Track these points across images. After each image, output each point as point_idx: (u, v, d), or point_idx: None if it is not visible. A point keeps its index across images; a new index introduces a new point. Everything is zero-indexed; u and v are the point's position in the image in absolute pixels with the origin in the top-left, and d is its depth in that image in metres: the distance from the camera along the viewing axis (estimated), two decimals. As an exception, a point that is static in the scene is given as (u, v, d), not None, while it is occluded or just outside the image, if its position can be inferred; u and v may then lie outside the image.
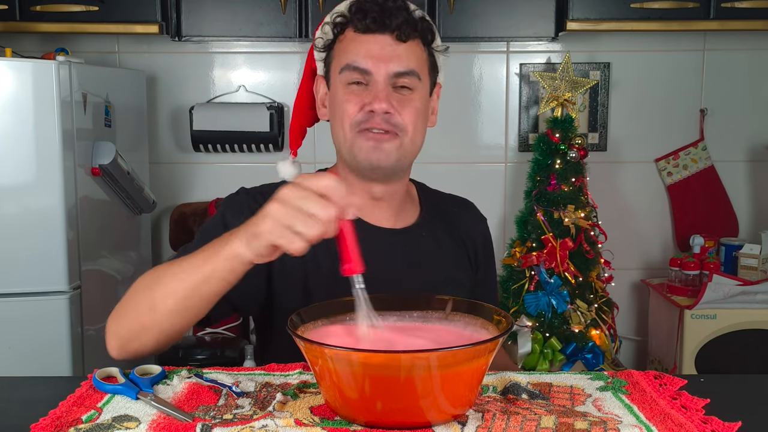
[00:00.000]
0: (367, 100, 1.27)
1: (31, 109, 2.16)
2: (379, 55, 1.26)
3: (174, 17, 2.68)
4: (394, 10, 1.27)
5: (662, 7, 2.66)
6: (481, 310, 1.07)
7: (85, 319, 2.31)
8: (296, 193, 0.97)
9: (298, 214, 0.96)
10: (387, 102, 1.26)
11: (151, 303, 1.13)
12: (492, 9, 2.70)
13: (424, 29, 1.30)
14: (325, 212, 0.96)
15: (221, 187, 3.01)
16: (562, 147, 2.76)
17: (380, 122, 1.27)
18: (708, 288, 2.68)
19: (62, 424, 0.95)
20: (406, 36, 1.27)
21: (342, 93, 1.29)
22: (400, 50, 1.27)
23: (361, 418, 0.94)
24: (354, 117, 1.28)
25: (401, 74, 1.27)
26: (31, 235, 2.19)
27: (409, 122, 1.28)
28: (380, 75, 1.26)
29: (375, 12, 1.26)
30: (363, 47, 1.27)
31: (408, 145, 1.30)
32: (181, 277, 1.10)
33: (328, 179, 0.97)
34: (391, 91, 1.27)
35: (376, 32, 1.27)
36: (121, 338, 1.17)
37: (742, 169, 3.11)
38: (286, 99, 3.01)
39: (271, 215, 0.98)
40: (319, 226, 0.96)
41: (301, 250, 0.98)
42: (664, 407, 1.01)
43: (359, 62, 1.27)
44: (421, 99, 1.31)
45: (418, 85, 1.29)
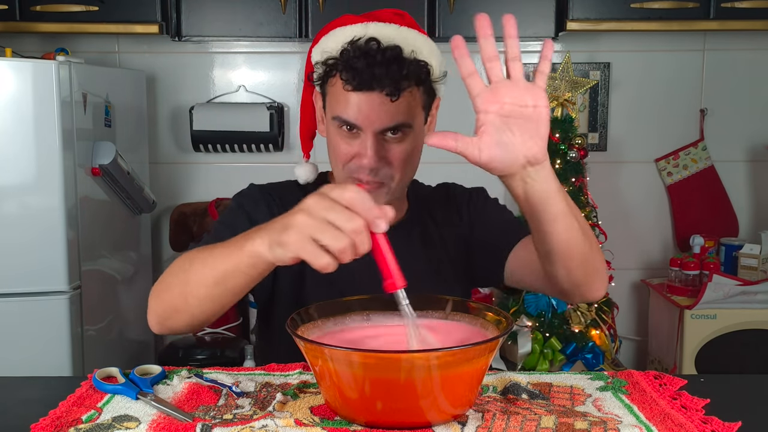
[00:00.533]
0: (357, 150, 1.27)
1: (31, 109, 2.16)
2: (368, 113, 1.24)
3: (174, 17, 2.68)
4: (383, 67, 1.21)
5: (662, 7, 2.66)
6: (481, 310, 1.07)
7: (85, 319, 2.31)
8: (322, 204, 0.93)
9: (323, 225, 0.92)
10: (375, 159, 1.26)
11: (183, 287, 1.13)
12: (492, 9, 2.69)
13: (418, 73, 1.26)
14: (352, 224, 0.92)
15: (221, 187, 3.01)
16: (562, 147, 2.76)
17: (368, 176, 1.28)
18: (708, 288, 2.68)
19: (62, 424, 0.95)
20: (396, 93, 1.23)
21: (335, 134, 1.30)
22: (390, 107, 1.24)
23: (361, 418, 0.94)
24: (345, 163, 1.29)
25: (391, 128, 1.26)
26: (31, 235, 2.19)
27: (398, 169, 1.29)
28: (369, 131, 1.26)
29: (363, 70, 1.22)
30: (352, 102, 1.25)
31: (396, 187, 1.31)
32: (210, 267, 1.09)
33: (353, 190, 0.94)
34: (381, 141, 1.27)
35: (365, 90, 1.23)
36: (159, 316, 1.18)
37: (742, 169, 3.11)
38: (286, 99, 3.01)
39: (296, 226, 0.94)
40: (345, 238, 0.92)
41: (329, 266, 0.93)
42: (664, 407, 1.01)
43: (349, 117, 1.25)
44: (413, 140, 1.30)
45: (410, 132, 1.29)
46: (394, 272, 0.96)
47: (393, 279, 0.96)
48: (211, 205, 2.91)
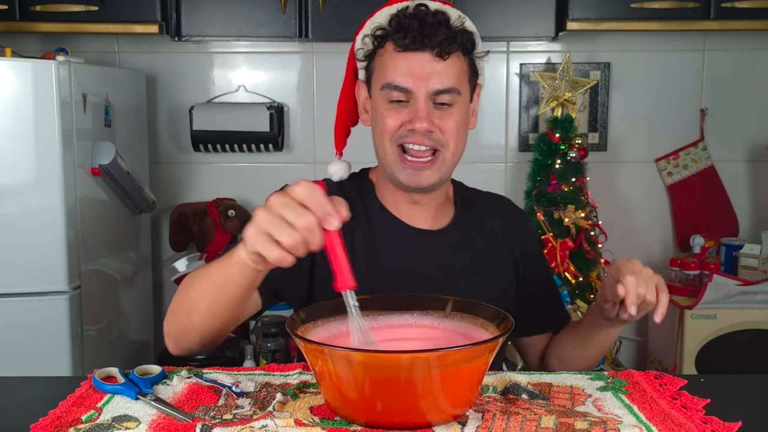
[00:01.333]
0: (407, 117, 1.27)
1: (31, 109, 2.16)
2: (420, 73, 1.26)
3: (174, 17, 2.68)
4: (434, 27, 1.25)
5: (662, 7, 2.66)
6: (481, 310, 1.07)
7: (85, 319, 2.31)
8: (280, 200, 0.95)
9: (277, 221, 0.94)
10: (428, 121, 1.27)
11: (187, 306, 1.16)
12: (492, 9, 2.70)
13: (464, 41, 1.29)
14: (302, 220, 0.93)
15: (221, 187, 3.01)
16: (562, 147, 2.76)
17: (421, 139, 1.28)
18: (708, 288, 2.68)
19: (62, 424, 0.94)
20: (446, 53, 1.26)
21: (383, 108, 1.30)
22: (440, 67, 1.26)
23: (361, 418, 0.94)
24: (394, 132, 1.29)
25: (441, 92, 1.27)
26: (31, 235, 2.19)
27: (450, 138, 1.30)
28: (420, 93, 1.26)
29: (415, 30, 1.25)
30: (402, 65, 1.26)
31: (449, 159, 1.32)
32: (206, 281, 1.13)
33: (304, 185, 0.95)
34: (432, 107, 1.28)
35: (416, 50, 1.26)
36: (173, 338, 1.22)
37: (742, 169, 3.11)
38: (286, 99, 3.01)
39: (254, 222, 0.97)
40: (295, 234, 0.93)
41: (283, 261, 0.95)
42: (664, 407, 1.01)
43: (399, 81, 1.27)
44: (461, 111, 1.31)
45: (459, 98, 1.29)
46: (344, 272, 0.96)
47: (343, 278, 0.96)
48: (211, 205, 2.91)
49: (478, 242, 1.42)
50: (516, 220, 1.50)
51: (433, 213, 1.40)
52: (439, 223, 1.40)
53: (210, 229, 2.88)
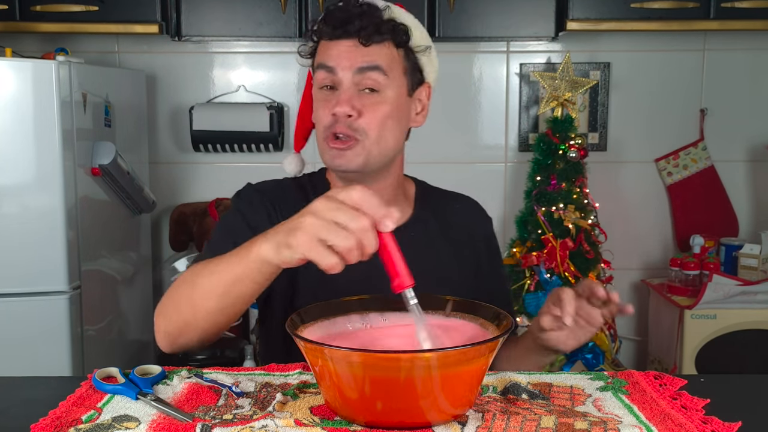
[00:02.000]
0: (334, 104, 1.29)
1: (31, 109, 2.16)
2: (344, 54, 1.29)
3: (174, 17, 2.68)
4: (357, 16, 1.29)
5: (662, 7, 2.66)
6: (481, 310, 1.07)
7: (85, 319, 2.31)
8: (328, 205, 0.94)
9: (331, 226, 0.93)
10: (348, 105, 1.28)
11: (191, 302, 1.14)
12: (492, 9, 2.70)
13: (393, 30, 1.31)
14: (358, 223, 0.92)
15: (221, 187, 3.01)
16: (562, 147, 2.76)
17: (342, 127, 1.29)
18: (708, 288, 2.68)
19: (62, 424, 0.94)
20: (368, 39, 1.28)
21: (316, 98, 1.34)
22: (364, 51, 1.29)
23: (361, 418, 0.94)
24: (324, 121, 1.31)
25: (364, 69, 1.28)
26: (31, 235, 2.19)
27: (373, 126, 1.29)
28: (345, 73, 1.29)
29: (338, 19, 1.30)
30: (330, 49, 1.31)
31: (373, 148, 1.30)
32: (217, 277, 1.10)
33: (359, 190, 0.94)
34: (356, 93, 1.29)
35: (340, 38, 1.30)
36: (170, 334, 1.19)
37: (742, 169, 3.11)
38: (286, 99, 3.01)
39: (304, 228, 0.95)
40: (352, 237, 0.92)
41: (336, 267, 0.94)
42: (664, 407, 1.01)
43: (326, 61, 1.30)
44: (390, 100, 1.31)
45: (386, 83, 1.30)
46: (401, 271, 0.95)
47: (400, 278, 0.95)
48: (211, 205, 2.91)
49: (437, 240, 1.41)
50: (483, 226, 1.51)
51: None
52: None
53: (210, 229, 2.89)
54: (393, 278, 0.96)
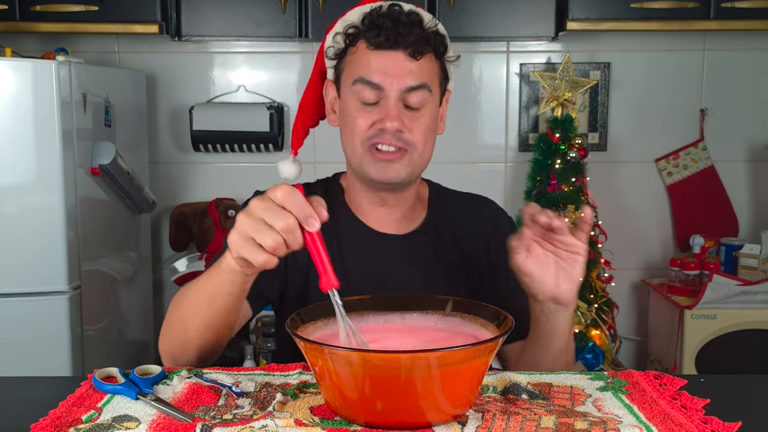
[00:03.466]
0: (377, 117, 1.27)
1: (31, 109, 2.16)
2: (393, 71, 1.25)
3: (174, 17, 2.68)
4: (408, 27, 1.25)
5: (662, 7, 2.66)
6: (481, 310, 1.07)
7: (85, 319, 2.31)
8: (259, 204, 0.97)
9: (258, 224, 0.96)
10: (398, 120, 1.26)
11: (181, 323, 1.17)
12: (492, 9, 2.70)
13: (437, 43, 1.29)
14: (282, 222, 0.95)
15: (221, 187, 3.01)
16: (562, 147, 2.76)
17: (390, 139, 1.27)
18: (708, 288, 2.68)
19: (62, 424, 0.94)
20: (419, 53, 1.25)
21: (353, 107, 1.29)
22: (413, 66, 1.26)
23: (361, 418, 0.94)
24: (365, 133, 1.28)
25: (413, 88, 1.26)
26: (31, 235, 2.19)
27: (419, 139, 1.28)
28: (392, 91, 1.26)
29: (388, 29, 1.24)
30: (375, 62, 1.26)
31: (417, 160, 1.30)
32: (198, 294, 1.13)
33: (283, 188, 0.97)
34: (402, 108, 1.27)
35: (389, 49, 1.25)
36: (171, 356, 1.22)
37: (742, 169, 3.11)
38: (286, 99, 3.01)
39: (236, 228, 0.99)
40: (276, 236, 0.95)
41: (267, 263, 0.97)
42: (664, 407, 1.01)
43: (372, 77, 1.26)
44: (431, 113, 1.30)
45: (429, 99, 1.29)
46: (328, 271, 0.98)
47: (325, 278, 0.98)
48: (211, 205, 2.91)
49: (449, 245, 1.40)
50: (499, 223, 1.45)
51: (400, 217, 1.38)
52: (407, 227, 1.39)
53: (210, 229, 2.89)
54: (320, 277, 0.98)
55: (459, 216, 1.43)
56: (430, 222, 1.41)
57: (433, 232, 1.40)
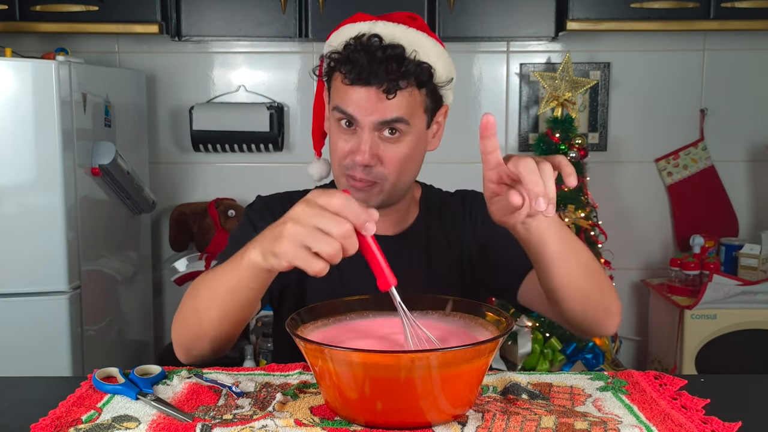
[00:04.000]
0: (353, 147, 1.28)
1: (31, 109, 2.16)
2: (366, 105, 1.25)
3: (174, 17, 2.68)
4: (382, 64, 1.22)
5: (662, 7, 2.66)
6: (481, 310, 1.07)
7: (85, 319, 2.31)
8: (310, 211, 0.95)
9: (313, 232, 0.94)
10: (369, 154, 1.26)
11: (196, 313, 1.16)
12: (492, 9, 2.70)
13: (418, 74, 1.26)
14: (340, 228, 0.93)
15: (221, 187, 3.01)
16: (562, 147, 2.76)
17: (361, 173, 1.28)
18: (708, 288, 2.68)
19: (62, 424, 0.94)
20: (393, 91, 1.23)
21: (335, 130, 1.31)
22: (387, 103, 1.24)
23: (361, 419, 0.94)
24: (342, 161, 1.30)
25: (387, 122, 1.26)
26: (31, 235, 2.19)
27: (392, 171, 1.29)
28: (365, 123, 1.26)
29: (362, 65, 1.23)
30: (350, 95, 1.26)
31: (391, 189, 1.31)
32: (215, 287, 1.12)
33: (340, 196, 0.95)
34: (377, 138, 1.27)
35: (362, 86, 1.24)
36: (184, 346, 1.21)
37: (742, 169, 3.11)
38: (286, 99, 3.01)
39: (287, 235, 0.96)
40: (335, 243, 0.94)
41: (322, 272, 0.95)
42: (664, 407, 1.01)
43: (347, 108, 1.26)
44: (410, 143, 1.29)
45: (408, 130, 1.28)
46: (385, 271, 0.98)
47: (384, 278, 0.98)
48: (211, 205, 2.91)
49: (440, 241, 1.41)
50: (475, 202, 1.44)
51: (395, 221, 1.40)
52: (400, 227, 1.41)
53: (210, 229, 2.89)
54: (378, 278, 0.98)
55: (447, 214, 1.45)
56: (421, 221, 1.42)
57: (424, 231, 1.41)
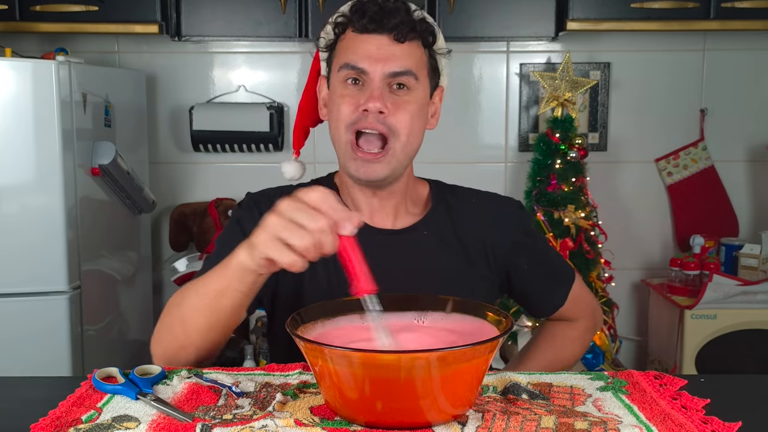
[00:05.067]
0: (362, 100, 1.26)
1: (31, 109, 2.16)
2: (376, 54, 1.26)
3: (174, 17, 2.68)
4: (392, 11, 1.27)
5: (662, 7, 2.66)
6: (481, 310, 1.07)
7: (85, 319, 2.31)
8: (291, 205, 0.97)
9: (289, 225, 0.96)
10: (381, 101, 1.25)
11: (182, 323, 1.16)
12: (492, 9, 2.70)
13: (423, 30, 1.29)
14: (315, 223, 0.95)
15: (221, 187, 3.01)
16: (562, 147, 2.76)
17: (373, 122, 1.26)
18: (708, 288, 2.68)
19: (62, 424, 0.94)
20: (403, 36, 1.26)
21: (339, 92, 1.29)
22: (397, 50, 1.27)
23: (361, 418, 0.94)
24: (349, 118, 1.27)
25: (397, 74, 1.27)
26: (31, 235, 2.19)
27: (404, 125, 1.27)
28: (376, 74, 1.26)
29: (373, 12, 1.26)
30: (360, 47, 1.27)
31: (400, 152, 1.29)
32: (203, 293, 1.12)
33: (318, 191, 0.97)
34: (387, 91, 1.27)
35: (373, 32, 1.27)
36: (164, 358, 1.20)
37: (742, 169, 3.11)
38: (286, 99, 3.01)
39: (265, 227, 0.98)
40: (309, 236, 0.95)
41: (295, 265, 0.96)
42: (664, 407, 1.01)
43: (356, 61, 1.27)
44: (418, 101, 1.29)
45: (415, 85, 1.29)
46: (362, 276, 0.97)
47: (360, 283, 0.97)
48: (211, 205, 2.91)
49: (449, 241, 1.38)
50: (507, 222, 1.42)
51: (393, 210, 1.37)
52: (403, 222, 1.38)
53: (210, 229, 2.89)
54: (353, 282, 0.97)
55: (461, 212, 1.41)
56: (429, 218, 1.39)
57: (433, 227, 1.38)
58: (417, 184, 1.43)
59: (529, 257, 1.43)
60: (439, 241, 1.38)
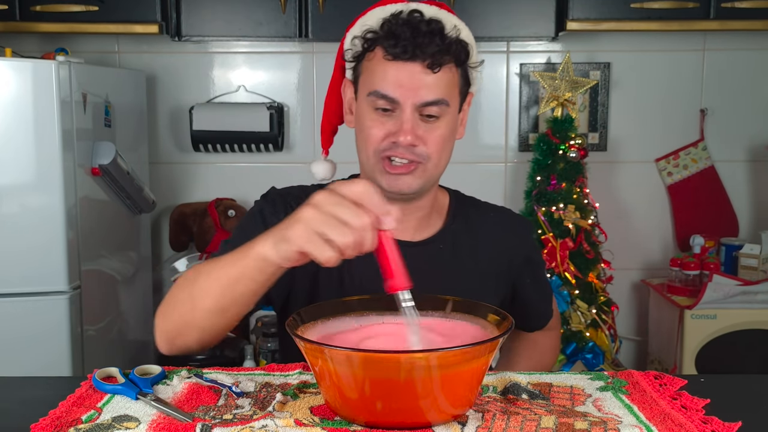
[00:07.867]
0: (392, 129, 1.23)
1: (31, 109, 2.16)
2: (408, 84, 1.21)
3: (174, 17, 2.68)
4: (427, 37, 1.20)
5: (662, 7, 2.66)
6: (481, 310, 1.07)
7: (85, 319, 2.31)
8: (330, 199, 0.93)
9: (330, 220, 0.92)
10: (412, 134, 1.22)
11: (191, 301, 1.12)
12: (492, 9, 2.70)
13: (458, 51, 1.24)
14: (359, 220, 0.91)
15: (221, 187, 3.01)
16: (562, 147, 2.76)
17: (404, 153, 1.24)
18: (708, 288, 2.68)
19: (62, 424, 0.94)
20: (437, 66, 1.21)
21: (368, 117, 1.26)
22: (430, 80, 1.21)
23: (361, 418, 0.94)
24: (378, 145, 1.25)
25: (429, 104, 1.23)
26: (31, 235, 2.19)
27: (434, 151, 1.26)
28: (407, 105, 1.22)
29: (406, 39, 1.20)
30: (391, 74, 1.22)
31: (431, 171, 1.28)
32: (216, 276, 1.09)
33: (363, 185, 0.93)
34: (418, 119, 1.23)
35: (406, 60, 1.21)
36: (168, 334, 1.17)
37: (742, 169, 3.11)
38: (286, 99, 3.01)
39: (303, 220, 0.94)
40: (351, 234, 0.91)
41: (331, 260, 0.93)
42: (664, 407, 1.01)
43: (387, 90, 1.22)
44: (448, 124, 1.27)
45: (447, 111, 1.25)
46: (397, 272, 0.94)
47: (395, 279, 0.94)
48: (211, 205, 2.91)
49: (466, 254, 1.37)
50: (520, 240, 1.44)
51: (415, 224, 1.35)
52: (422, 234, 1.36)
53: (210, 229, 2.89)
54: (387, 278, 0.95)
55: (479, 226, 1.40)
56: (448, 230, 1.38)
57: (451, 241, 1.37)
58: (439, 193, 1.41)
59: (533, 273, 1.46)
60: (456, 254, 1.37)
